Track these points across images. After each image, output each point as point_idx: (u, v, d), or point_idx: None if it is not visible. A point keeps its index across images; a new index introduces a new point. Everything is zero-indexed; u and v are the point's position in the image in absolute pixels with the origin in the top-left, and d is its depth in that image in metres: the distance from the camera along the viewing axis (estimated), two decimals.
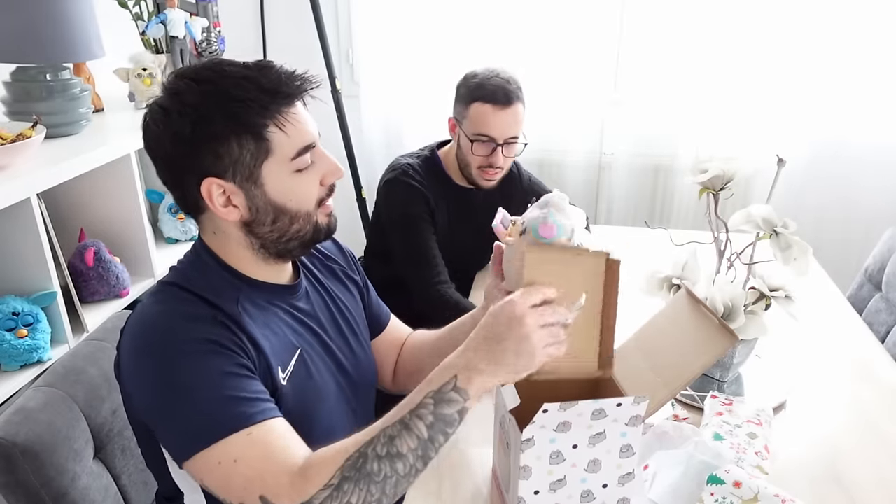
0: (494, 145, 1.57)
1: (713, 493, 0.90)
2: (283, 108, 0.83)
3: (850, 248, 2.60)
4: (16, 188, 1.29)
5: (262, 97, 0.81)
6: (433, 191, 1.66)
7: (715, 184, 1.20)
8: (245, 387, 0.80)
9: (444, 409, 0.79)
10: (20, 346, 1.35)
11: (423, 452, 0.78)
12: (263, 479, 0.76)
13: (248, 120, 0.81)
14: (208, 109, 0.81)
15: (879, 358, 1.38)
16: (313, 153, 0.87)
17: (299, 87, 0.85)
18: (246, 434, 0.77)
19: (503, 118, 1.55)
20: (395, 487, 0.78)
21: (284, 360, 0.90)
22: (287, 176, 0.85)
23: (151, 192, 1.96)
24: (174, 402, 0.79)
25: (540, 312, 0.83)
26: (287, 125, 0.83)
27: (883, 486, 1.03)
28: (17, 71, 1.54)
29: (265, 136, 0.82)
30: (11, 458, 0.89)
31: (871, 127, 2.46)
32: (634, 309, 1.10)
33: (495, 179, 1.64)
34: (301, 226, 0.88)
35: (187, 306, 0.84)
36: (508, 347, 0.81)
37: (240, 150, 0.82)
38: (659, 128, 2.57)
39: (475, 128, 1.57)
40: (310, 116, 0.89)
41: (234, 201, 0.84)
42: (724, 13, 2.36)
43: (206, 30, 2.26)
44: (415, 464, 0.78)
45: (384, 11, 2.53)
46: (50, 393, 0.99)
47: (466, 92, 1.58)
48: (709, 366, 0.98)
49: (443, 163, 1.70)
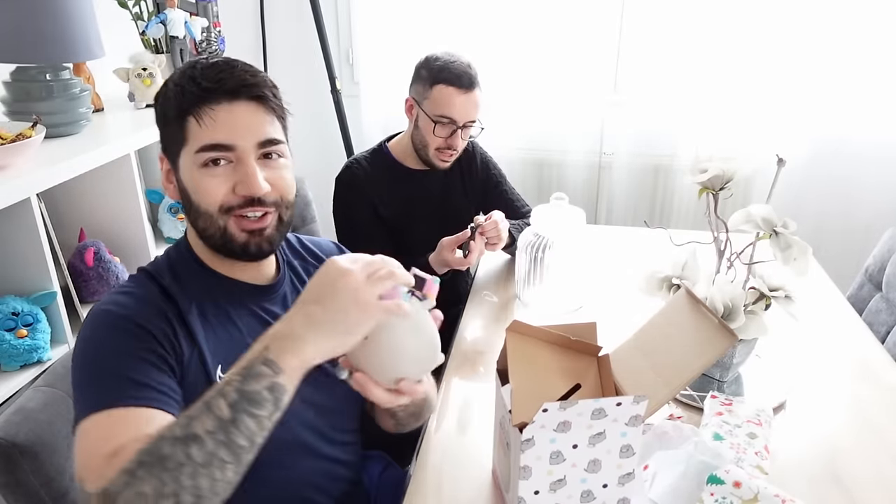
0: (455, 127, 1.60)
1: (713, 493, 0.90)
2: (208, 104, 0.84)
3: (850, 248, 2.60)
4: (16, 188, 1.29)
5: (192, 89, 0.84)
6: (378, 181, 1.68)
7: (715, 184, 1.20)
8: (145, 372, 0.79)
9: (251, 385, 0.67)
10: (20, 346, 1.35)
11: (225, 437, 0.66)
12: (86, 458, 0.72)
13: (177, 106, 0.86)
14: (162, 94, 0.89)
15: (879, 358, 1.38)
16: (234, 157, 0.85)
17: (225, 87, 0.84)
18: (108, 413, 0.74)
19: (466, 101, 1.59)
20: (194, 479, 0.64)
21: (229, 359, 0.86)
22: (194, 168, 0.86)
23: (151, 192, 1.96)
24: (81, 367, 0.81)
25: (366, 263, 0.75)
26: (205, 119, 0.84)
27: (883, 485, 1.03)
28: (17, 71, 1.54)
29: (184, 125, 0.86)
30: (11, 458, 0.89)
31: (871, 126, 2.46)
32: (634, 309, 1.10)
33: (450, 161, 1.67)
34: (206, 225, 0.87)
35: (142, 291, 0.87)
36: (331, 306, 0.71)
37: (169, 132, 0.88)
38: (659, 128, 2.57)
39: (438, 109, 1.59)
40: (250, 123, 0.85)
41: (171, 178, 0.91)
42: (724, 13, 2.36)
43: (206, 30, 2.26)
44: (215, 451, 0.65)
45: (384, 11, 2.53)
46: (50, 393, 0.99)
47: (429, 74, 1.61)
48: (709, 366, 0.98)
49: (392, 152, 1.73)
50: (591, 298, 1.59)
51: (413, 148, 1.69)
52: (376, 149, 1.75)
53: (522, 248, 1.54)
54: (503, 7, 2.48)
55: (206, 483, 0.65)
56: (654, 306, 1.14)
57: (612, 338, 1.08)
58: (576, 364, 0.97)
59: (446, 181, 1.76)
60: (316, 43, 2.50)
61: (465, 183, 1.79)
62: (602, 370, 0.97)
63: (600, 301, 1.59)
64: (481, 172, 1.81)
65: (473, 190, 1.80)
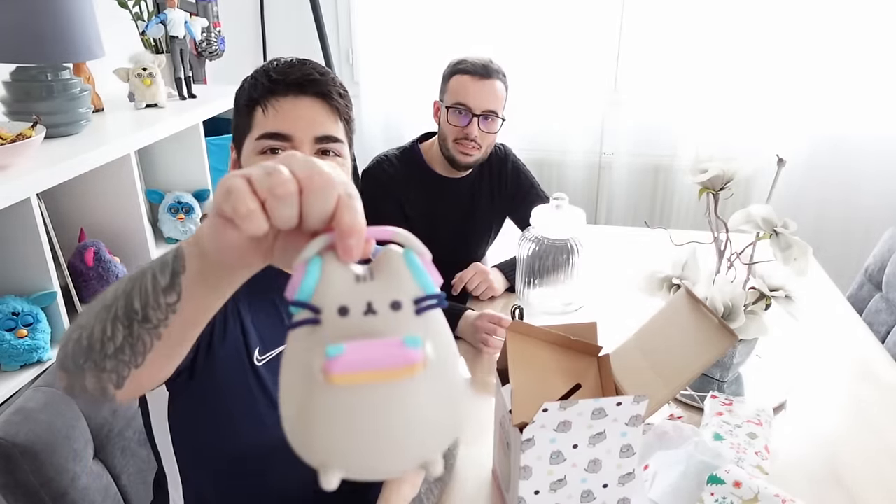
0: (471, 116, 1.58)
1: (713, 493, 0.90)
2: (275, 95, 0.88)
3: (850, 248, 2.60)
4: (16, 188, 1.29)
5: (264, 81, 0.89)
6: (406, 180, 1.68)
7: (715, 184, 1.20)
8: None
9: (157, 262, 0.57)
10: (20, 346, 1.35)
11: (128, 287, 0.57)
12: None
13: (248, 96, 0.90)
14: (241, 87, 0.93)
15: (879, 358, 1.38)
16: (292, 148, 0.87)
17: (292, 80, 0.88)
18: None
19: (481, 88, 1.58)
20: (92, 320, 0.57)
21: (268, 345, 0.90)
22: (253, 154, 0.88)
23: (151, 192, 1.96)
24: None
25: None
26: (270, 109, 0.88)
27: (883, 485, 1.03)
28: (17, 71, 1.54)
29: (251, 114, 0.89)
30: (11, 458, 0.88)
31: (871, 126, 2.46)
32: (634, 309, 1.10)
33: (472, 156, 1.62)
34: None
35: None
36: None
37: (239, 122, 0.92)
38: (659, 128, 2.57)
39: (453, 97, 1.60)
40: (311, 116, 0.88)
41: (236, 166, 0.94)
42: (724, 13, 2.37)
43: (206, 30, 2.26)
44: (114, 303, 0.56)
45: (384, 11, 2.53)
46: (50, 393, 0.99)
47: (450, 70, 1.63)
48: (708, 365, 0.98)
49: (423, 153, 1.72)
50: (591, 298, 1.59)
51: (440, 151, 1.68)
52: (408, 148, 1.73)
53: (523, 248, 1.54)
54: (503, 7, 2.48)
55: (98, 331, 0.56)
56: (654, 306, 1.14)
57: (612, 338, 1.08)
58: (576, 364, 0.97)
59: (474, 190, 1.74)
60: (316, 43, 2.50)
61: (493, 191, 1.77)
62: (602, 370, 0.97)
63: (600, 301, 1.59)
64: (511, 180, 1.78)
65: (502, 198, 1.78)
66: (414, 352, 0.38)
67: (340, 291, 0.41)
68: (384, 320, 0.40)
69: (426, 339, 0.40)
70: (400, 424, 0.39)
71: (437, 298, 0.41)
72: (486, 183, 1.75)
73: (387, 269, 0.42)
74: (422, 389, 0.39)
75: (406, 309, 0.41)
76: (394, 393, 0.38)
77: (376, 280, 0.42)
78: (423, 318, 0.41)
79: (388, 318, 0.41)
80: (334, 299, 0.40)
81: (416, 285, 0.42)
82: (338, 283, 0.41)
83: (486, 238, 1.82)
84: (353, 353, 0.37)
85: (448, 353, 0.42)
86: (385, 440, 0.38)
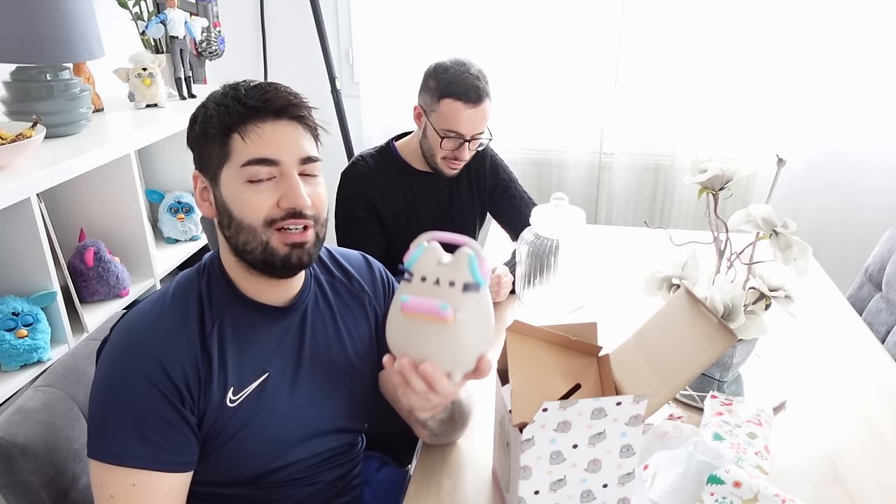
0: (463, 140, 1.59)
1: (713, 493, 0.90)
2: (252, 122, 0.87)
3: (850, 249, 2.60)
4: (16, 188, 1.29)
5: (238, 108, 0.87)
6: (382, 178, 1.68)
7: (714, 184, 1.20)
8: (164, 433, 0.84)
9: None
10: (20, 346, 1.35)
11: None
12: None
13: (221, 124, 0.88)
14: (201, 114, 0.91)
15: (879, 358, 1.38)
16: (278, 172, 0.88)
17: (271, 106, 0.88)
18: (132, 478, 0.83)
19: (473, 116, 1.57)
20: None
21: (244, 381, 0.91)
22: (238, 183, 0.87)
23: (151, 192, 1.96)
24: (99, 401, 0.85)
25: None
26: (250, 135, 0.87)
27: (883, 485, 1.03)
28: (17, 71, 1.54)
29: (227, 142, 0.88)
30: (11, 458, 0.88)
31: (871, 126, 2.46)
32: (634, 309, 1.10)
33: (459, 168, 1.66)
34: (248, 239, 0.88)
35: (178, 317, 0.89)
36: None
37: (210, 150, 0.89)
38: (659, 128, 2.57)
39: (445, 124, 1.58)
40: (292, 140, 0.89)
41: (206, 196, 0.92)
42: (725, 14, 2.37)
43: (206, 30, 2.26)
44: None
45: (384, 11, 2.53)
46: (50, 393, 0.99)
47: (437, 86, 1.59)
48: (708, 365, 0.98)
49: (399, 152, 1.72)
50: (591, 298, 1.59)
51: (421, 153, 1.68)
52: (383, 147, 1.74)
53: (522, 248, 1.54)
54: (503, 7, 2.48)
55: None
56: (654, 306, 1.14)
57: (612, 338, 1.08)
58: (576, 364, 0.97)
59: (453, 183, 1.76)
60: (316, 43, 2.50)
61: (472, 185, 1.78)
62: (602, 370, 0.97)
63: (600, 301, 1.59)
64: (490, 176, 1.79)
65: (480, 193, 1.80)
66: (444, 312, 0.73)
67: (426, 267, 0.77)
68: (441, 290, 0.75)
69: (459, 307, 0.74)
70: (433, 343, 0.76)
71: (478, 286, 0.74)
72: (464, 177, 1.76)
73: (457, 261, 0.75)
74: (447, 332, 0.75)
75: (457, 287, 0.75)
76: (431, 329, 0.75)
77: (449, 266, 0.76)
78: (467, 294, 0.74)
79: (444, 289, 0.75)
80: (420, 270, 0.77)
81: (469, 274, 0.74)
82: (426, 262, 0.77)
83: (470, 232, 1.82)
84: (413, 302, 0.75)
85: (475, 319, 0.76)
86: (424, 348, 0.77)
